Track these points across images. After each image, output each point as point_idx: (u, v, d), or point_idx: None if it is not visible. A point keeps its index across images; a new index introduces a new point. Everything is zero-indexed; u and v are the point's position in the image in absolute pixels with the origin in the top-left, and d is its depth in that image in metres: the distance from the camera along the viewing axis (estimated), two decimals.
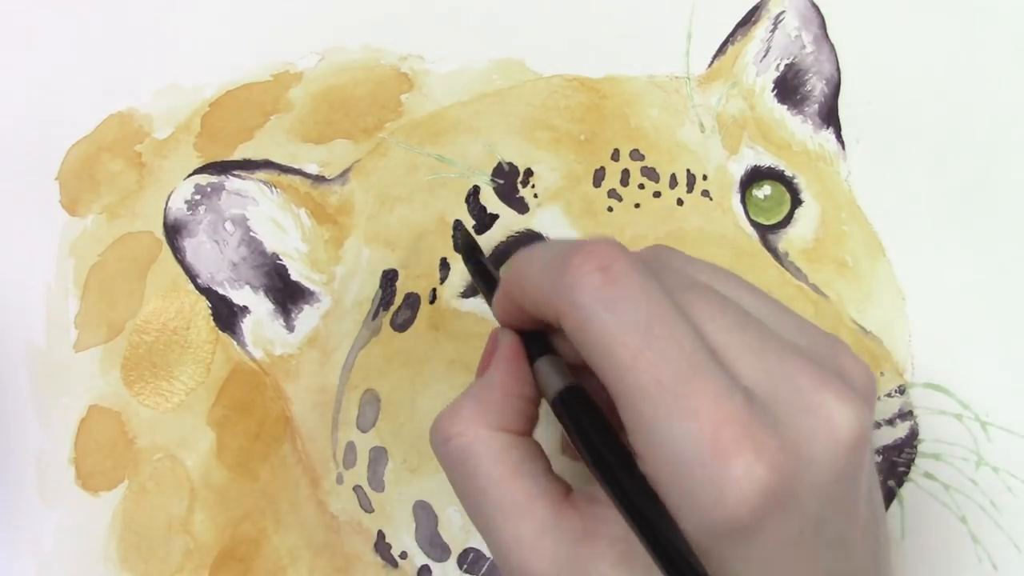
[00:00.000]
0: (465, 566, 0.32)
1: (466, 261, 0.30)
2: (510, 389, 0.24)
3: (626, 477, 0.22)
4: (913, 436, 0.32)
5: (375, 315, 0.33)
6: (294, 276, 0.33)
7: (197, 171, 0.34)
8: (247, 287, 0.33)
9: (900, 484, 0.32)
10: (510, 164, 0.34)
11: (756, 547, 0.20)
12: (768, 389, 0.21)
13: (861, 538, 0.23)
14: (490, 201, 0.33)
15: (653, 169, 0.34)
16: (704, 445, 0.20)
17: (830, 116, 0.35)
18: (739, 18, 0.36)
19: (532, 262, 0.24)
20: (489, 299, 0.28)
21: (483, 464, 0.23)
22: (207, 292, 0.33)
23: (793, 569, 0.21)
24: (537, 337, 0.26)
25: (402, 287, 0.33)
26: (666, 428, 0.20)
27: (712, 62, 0.35)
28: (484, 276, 0.29)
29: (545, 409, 0.25)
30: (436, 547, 0.32)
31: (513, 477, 0.23)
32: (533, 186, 0.33)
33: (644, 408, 0.21)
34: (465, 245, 0.31)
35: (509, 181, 0.34)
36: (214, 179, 0.34)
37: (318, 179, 0.34)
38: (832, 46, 0.35)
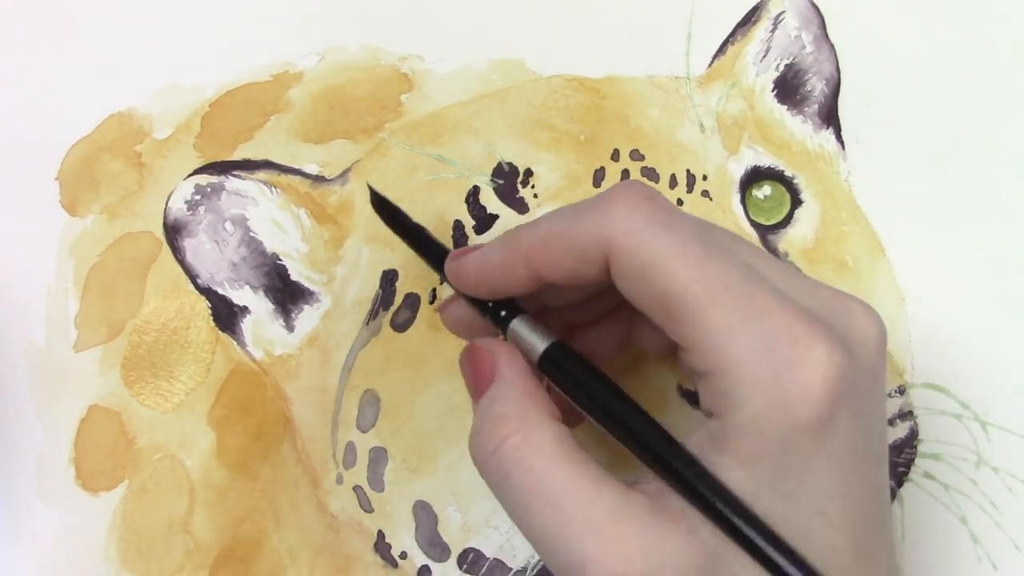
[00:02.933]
0: (465, 566, 0.32)
1: (395, 226, 0.30)
2: (535, 384, 0.24)
3: (648, 421, 0.22)
4: (913, 436, 0.32)
5: (375, 315, 0.33)
6: (294, 276, 0.33)
7: (197, 171, 0.34)
8: (247, 287, 0.33)
9: (900, 484, 0.32)
10: (510, 164, 0.34)
11: (829, 449, 0.21)
12: (807, 302, 0.22)
13: (886, 460, 0.23)
14: (490, 201, 0.33)
15: (653, 169, 0.34)
16: (783, 338, 0.21)
17: (830, 116, 0.35)
18: (739, 18, 0.36)
19: (551, 223, 0.24)
20: (437, 265, 0.27)
21: (545, 455, 0.22)
22: (207, 292, 0.33)
23: (853, 480, 0.21)
24: (504, 305, 0.25)
25: (402, 287, 0.33)
26: (742, 329, 0.21)
27: (712, 62, 0.35)
28: (424, 243, 0.28)
29: None
30: (436, 547, 0.32)
31: (575, 463, 0.22)
32: (533, 186, 0.33)
33: (715, 314, 0.21)
34: (384, 209, 0.30)
35: (509, 181, 0.34)
36: (214, 179, 0.34)
37: (318, 179, 0.34)
38: (832, 46, 0.35)
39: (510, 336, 0.25)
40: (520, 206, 0.33)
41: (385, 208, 0.30)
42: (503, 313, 0.25)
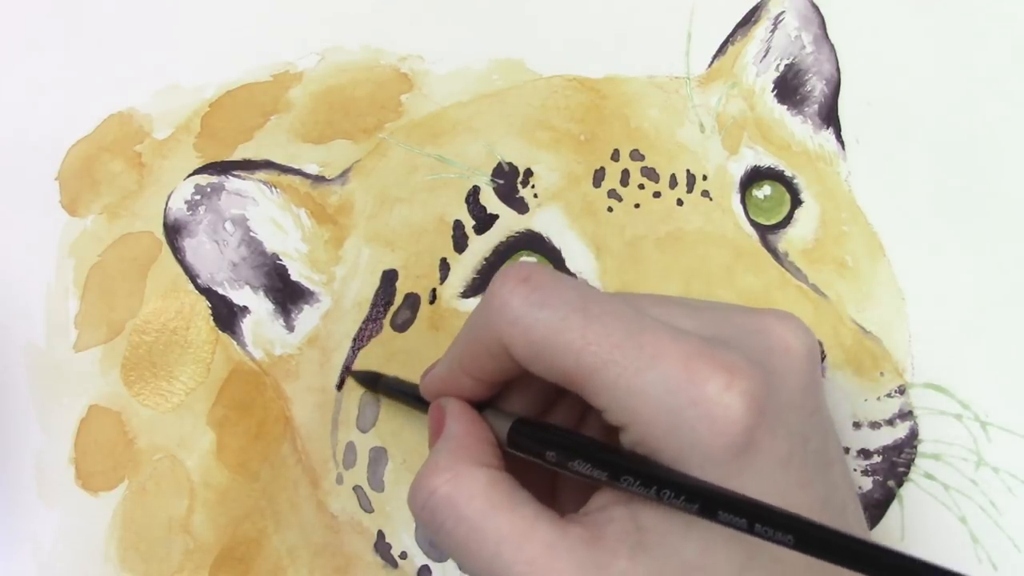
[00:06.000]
0: None
1: (374, 390, 0.32)
2: (474, 433, 0.25)
3: (615, 454, 0.22)
4: (913, 436, 0.32)
5: (375, 315, 0.33)
6: (294, 276, 0.33)
7: (197, 171, 0.34)
8: (247, 287, 0.33)
9: (900, 484, 0.32)
10: (510, 164, 0.34)
11: (755, 469, 0.21)
12: (713, 332, 0.22)
13: (838, 461, 0.24)
14: (490, 201, 0.33)
15: (653, 169, 0.34)
16: (680, 378, 0.21)
17: (830, 116, 0.35)
18: (739, 18, 0.36)
19: (464, 329, 0.25)
20: (411, 402, 0.29)
21: (476, 500, 0.23)
22: (207, 292, 0.33)
23: (792, 493, 0.21)
24: (477, 405, 0.26)
25: (402, 287, 0.33)
26: (638, 382, 0.21)
27: (712, 62, 0.35)
28: (402, 391, 0.30)
29: None
30: (436, 547, 0.32)
31: (508, 505, 0.23)
32: (533, 186, 0.33)
33: (611, 374, 0.21)
34: (367, 382, 0.32)
35: (509, 181, 0.34)
36: (214, 179, 0.34)
37: (318, 179, 0.34)
38: (832, 46, 0.35)
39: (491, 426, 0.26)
40: (520, 206, 0.33)
41: (372, 381, 0.32)
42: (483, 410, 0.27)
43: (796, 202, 0.34)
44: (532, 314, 0.22)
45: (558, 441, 0.23)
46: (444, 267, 0.33)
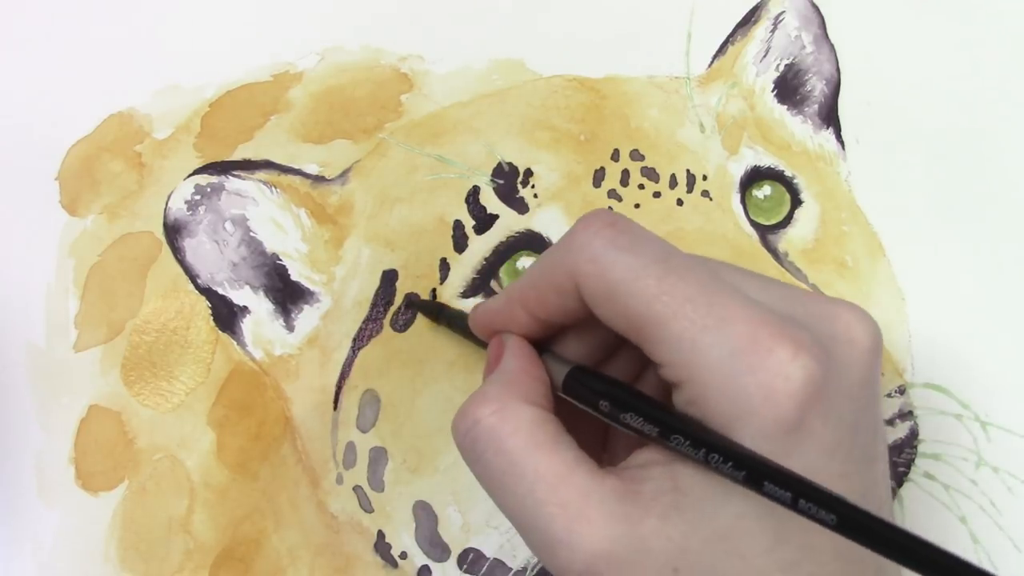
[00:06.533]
0: (465, 566, 0.32)
1: (437, 319, 0.32)
2: (529, 371, 0.25)
3: (668, 412, 0.22)
4: (913, 436, 0.32)
5: (375, 315, 0.33)
6: (294, 276, 0.33)
7: (197, 171, 0.34)
8: (247, 287, 0.33)
9: (900, 484, 0.32)
10: (510, 164, 0.34)
11: (801, 449, 0.21)
12: (785, 308, 0.22)
13: (882, 459, 0.23)
14: (490, 201, 0.33)
15: (653, 169, 0.34)
16: (745, 343, 0.21)
17: (830, 116, 0.35)
18: (739, 18, 0.36)
19: (534, 265, 0.25)
20: (466, 332, 0.29)
21: (518, 436, 0.23)
22: (207, 292, 0.33)
23: (833, 482, 0.21)
24: (534, 344, 0.26)
25: (402, 287, 0.33)
26: (704, 338, 0.21)
27: (712, 62, 0.35)
28: (460, 320, 0.30)
29: None
30: (436, 547, 0.32)
31: (550, 446, 0.23)
32: (533, 186, 0.33)
33: (678, 327, 0.21)
34: (429, 309, 0.32)
35: (509, 181, 0.34)
36: (214, 179, 0.34)
37: (318, 179, 0.34)
38: (832, 46, 0.35)
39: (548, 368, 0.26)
40: (520, 206, 0.33)
41: (436, 308, 0.32)
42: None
43: (796, 202, 0.34)
44: (613, 256, 0.22)
45: (613, 392, 0.23)
46: (444, 267, 0.33)
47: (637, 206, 0.33)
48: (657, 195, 0.33)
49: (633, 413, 0.23)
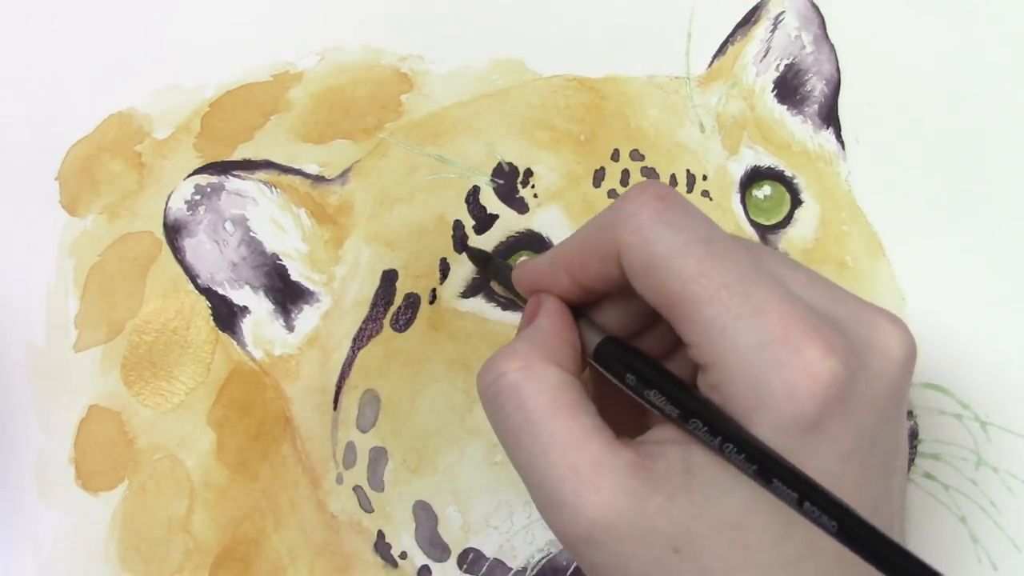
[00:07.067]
0: (465, 566, 0.32)
1: (485, 268, 0.32)
2: (560, 333, 0.25)
3: (691, 396, 0.22)
4: (913, 436, 0.32)
5: (375, 315, 0.33)
6: (294, 276, 0.33)
7: (197, 171, 0.34)
8: (247, 287, 0.33)
9: None
10: (510, 164, 0.34)
11: (816, 452, 0.21)
12: (824, 307, 0.22)
13: (899, 474, 0.23)
14: (490, 201, 0.33)
15: (653, 169, 0.34)
16: (775, 337, 0.21)
17: (830, 116, 0.35)
18: (739, 18, 0.36)
19: (582, 227, 0.25)
20: (510, 286, 0.28)
21: (540, 396, 0.23)
22: (207, 292, 0.33)
23: (845, 491, 0.21)
24: (573, 309, 0.26)
25: (402, 287, 0.33)
26: (735, 326, 0.21)
27: (712, 62, 0.35)
28: (504, 271, 0.30)
29: None
30: (436, 547, 0.32)
31: (570, 410, 0.23)
32: (533, 186, 0.33)
33: (711, 311, 0.21)
34: (478, 257, 0.32)
35: (509, 181, 0.34)
36: (214, 179, 0.34)
37: (318, 179, 0.34)
38: (832, 46, 0.35)
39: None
40: (520, 206, 0.33)
41: (485, 257, 0.32)
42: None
43: (796, 202, 0.34)
44: (658, 230, 0.22)
45: (638, 367, 0.23)
46: (444, 267, 0.33)
47: None
48: None
49: (657, 391, 0.23)
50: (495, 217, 0.33)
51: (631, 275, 0.23)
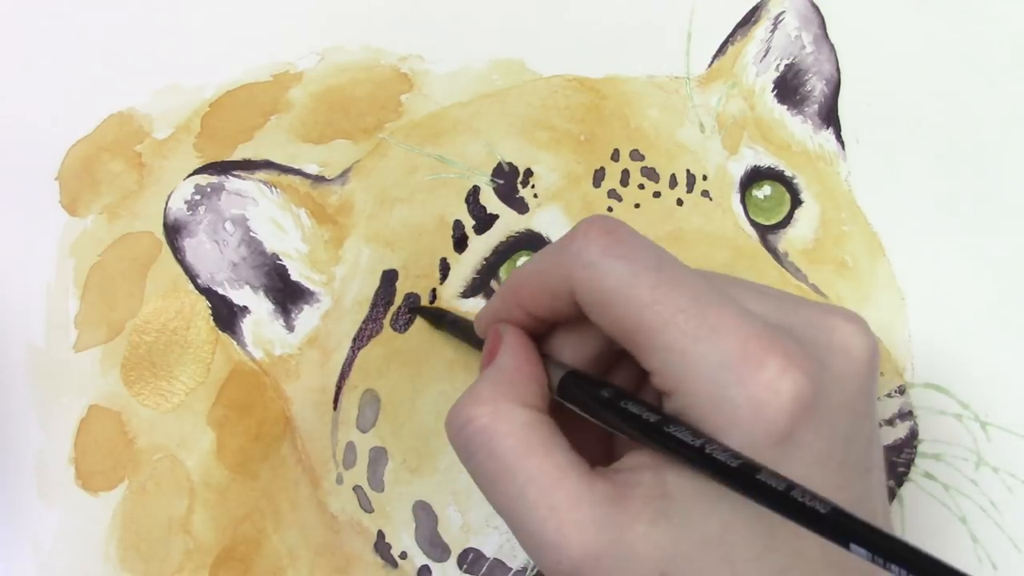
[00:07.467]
0: (465, 566, 0.32)
1: (439, 325, 0.32)
2: (524, 370, 0.25)
3: (661, 421, 0.22)
4: (913, 436, 0.32)
5: (375, 315, 0.33)
6: (294, 276, 0.33)
7: (197, 171, 0.34)
8: (247, 287, 0.33)
9: (900, 484, 0.32)
10: (510, 164, 0.34)
11: (792, 462, 0.21)
12: (780, 319, 0.22)
13: (877, 468, 0.23)
14: (490, 201, 0.33)
15: (653, 169, 0.34)
16: (735, 355, 0.21)
17: (830, 116, 0.35)
18: (739, 18, 0.36)
19: (530, 262, 0.25)
20: (468, 337, 0.29)
21: (511, 439, 0.23)
22: (207, 292, 0.33)
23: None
24: (534, 338, 0.26)
25: (402, 287, 0.33)
26: (693, 350, 0.21)
27: (712, 62, 0.35)
28: (466, 331, 0.30)
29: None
30: (436, 547, 0.32)
31: (543, 449, 0.23)
32: (533, 186, 0.33)
33: (669, 337, 0.21)
34: (432, 316, 0.32)
35: (509, 181, 0.34)
36: (214, 179, 0.34)
37: (318, 179, 0.34)
38: (832, 46, 0.35)
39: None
40: (520, 206, 0.33)
41: (438, 315, 0.32)
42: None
43: (796, 202, 0.34)
44: (608, 264, 0.22)
45: (606, 397, 0.23)
46: (444, 267, 0.33)
47: (637, 206, 0.33)
48: (657, 195, 0.33)
49: (629, 413, 0.22)
50: (495, 217, 0.33)
51: (587, 310, 0.23)
